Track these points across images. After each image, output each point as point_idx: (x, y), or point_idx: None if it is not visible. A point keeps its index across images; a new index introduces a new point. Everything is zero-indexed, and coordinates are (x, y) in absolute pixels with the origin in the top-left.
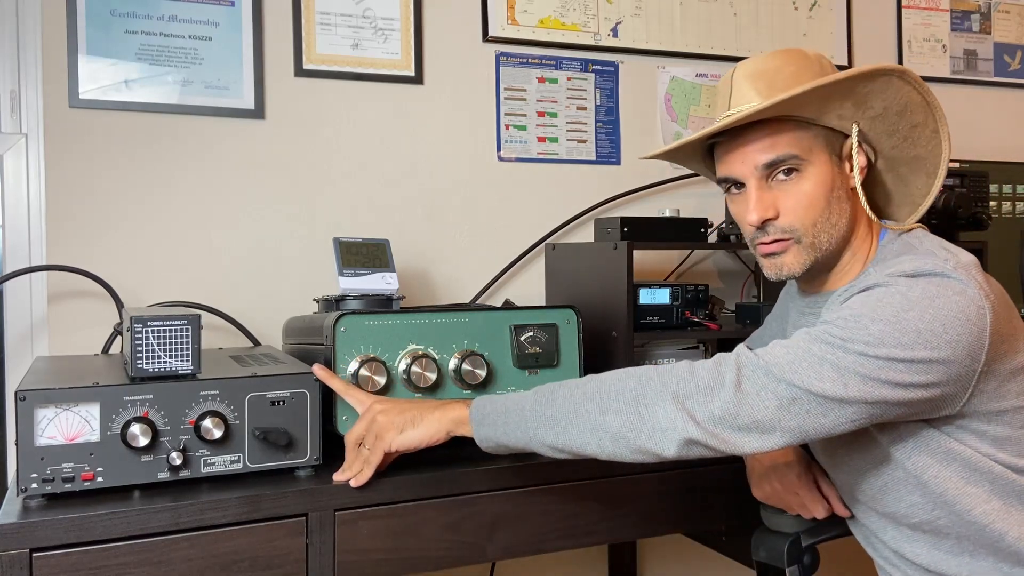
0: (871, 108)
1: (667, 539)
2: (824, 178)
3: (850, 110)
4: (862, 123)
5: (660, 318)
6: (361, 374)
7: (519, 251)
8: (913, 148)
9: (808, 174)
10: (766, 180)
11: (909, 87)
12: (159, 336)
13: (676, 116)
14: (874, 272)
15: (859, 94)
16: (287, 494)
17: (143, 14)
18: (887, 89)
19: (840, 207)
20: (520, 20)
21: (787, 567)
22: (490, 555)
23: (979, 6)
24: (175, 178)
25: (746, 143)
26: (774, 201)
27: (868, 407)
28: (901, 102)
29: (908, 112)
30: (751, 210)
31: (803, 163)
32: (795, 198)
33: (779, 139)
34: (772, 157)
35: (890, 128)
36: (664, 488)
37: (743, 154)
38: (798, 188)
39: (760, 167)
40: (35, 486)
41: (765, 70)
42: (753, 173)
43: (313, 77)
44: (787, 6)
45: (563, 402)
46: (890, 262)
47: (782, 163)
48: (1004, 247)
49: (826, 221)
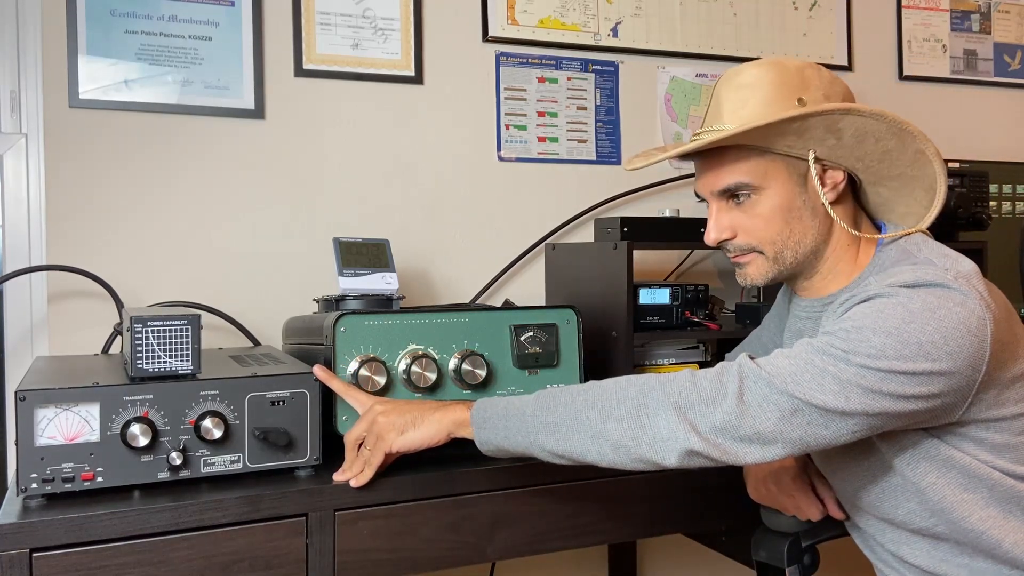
0: (823, 140)
1: (667, 539)
2: (781, 200)
3: (796, 141)
4: (818, 151)
5: (660, 318)
6: (361, 374)
7: (519, 251)
8: (893, 168)
9: (764, 196)
10: (726, 201)
11: (863, 119)
12: (159, 336)
13: (676, 116)
14: (874, 281)
15: (796, 130)
16: (287, 494)
17: (143, 14)
18: (817, 127)
19: (802, 224)
20: (520, 20)
21: (787, 567)
22: (490, 555)
23: (979, 6)
24: (175, 178)
25: (708, 167)
26: (731, 222)
27: (869, 419)
28: (857, 133)
29: (870, 140)
30: (709, 230)
31: (757, 189)
32: (751, 220)
33: (736, 167)
34: (724, 185)
35: (854, 155)
36: (664, 488)
37: (704, 178)
38: (753, 211)
39: (716, 192)
40: (35, 486)
41: (741, 85)
42: (713, 196)
43: (313, 77)
44: (787, 6)
45: (564, 408)
46: (890, 271)
47: (734, 190)
48: (1004, 247)
49: (787, 239)
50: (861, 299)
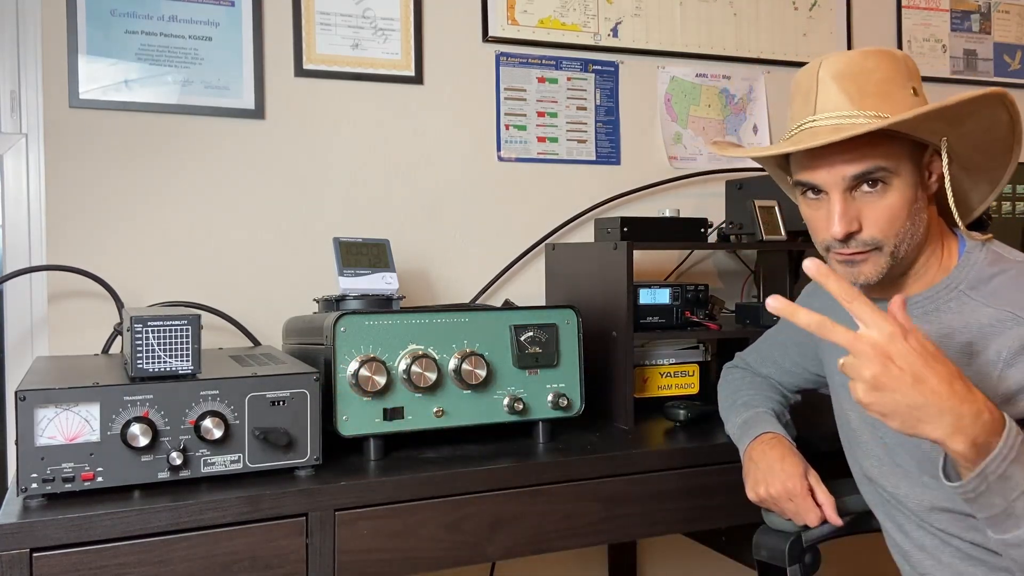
0: (963, 125)
1: (667, 539)
2: (909, 190)
3: (943, 127)
4: (951, 137)
5: (660, 318)
6: (361, 374)
7: (519, 251)
8: (990, 160)
9: (894, 186)
10: (850, 192)
11: (1003, 108)
12: (159, 336)
13: (676, 116)
14: (993, 304)
15: (955, 115)
16: (287, 494)
17: (143, 14)
18: (983, 110)
19: (920, 217)
20: (520, 20)
21: (788, 566)
22: (490, 555)
23: (979, 6)
24: (175, 178)
25: (833, 152)
26: (858, 214)
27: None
28: (991, 120)
29: (994, 128)
30: (835, 223)
31: (891, 175)
32: (880, 211)
33: (870, 151)
34: (862, 169)
35: (975, 142)
36: (664, 488)
37: (830, 163)
38: (883, 202)
39: (848, 179)
40: (35, 486)
41: (854, 72)
42: (838, 184)
43: (313, 77)
44: (787, 6)
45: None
46: (1001, 280)
47: (871, 175)
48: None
49: (907, 232)
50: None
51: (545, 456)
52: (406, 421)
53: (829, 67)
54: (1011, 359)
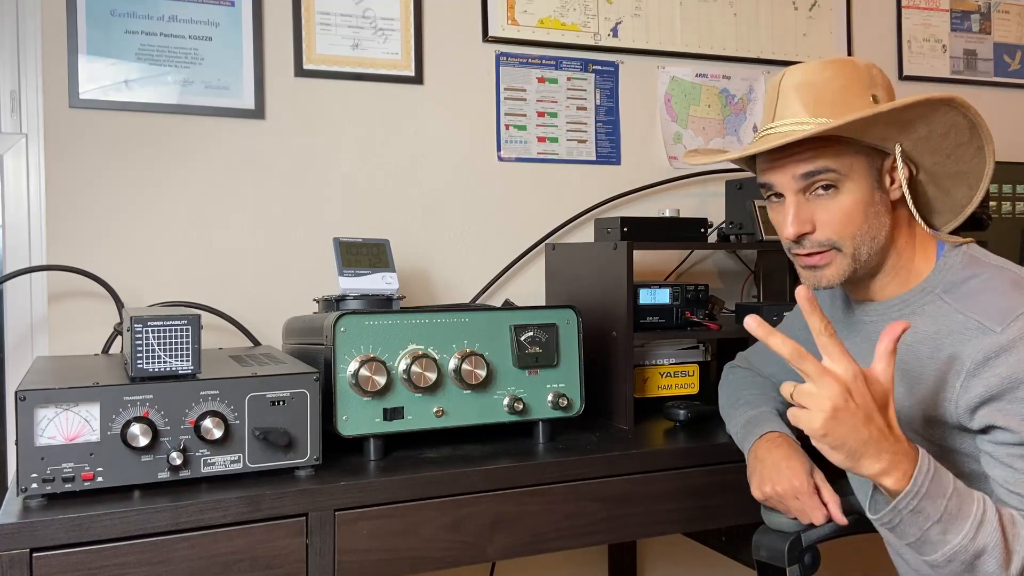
0: (915, 131)
1: (667, 539)
2: (862, 194)
3: (893, 133)
4: (905, 144)
5: (660, 318)
6: (361, 374)
7: (519, 251)
8: (956, 165)
9: (846, 189)
10: (804, 193)
11: (955, 112)
12: (159, 336)
13: (676, 116)
14: (963, 311)
15: (904, 120)
16: (287, 494)
17: (143, 14)
18: (933, 115)
19: (878, 221)
20: (520, 20)
21: (788, 566)
22: (490, 555)
23: (979, 6)
24: (175, 178)
25: (785, 156)
26: (811, 215)
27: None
28: (946, 124)
29: (953, 133)
30: (788, 224)
31: (841, 178)
32: (832, 213)
33: (820, 154)
34: (809, 169)
35: (933, 147)
36: (664, 488)
37: (783, 166)
38: (835, 203)
39: (798, 177)
40: (35, 486)
41: (813, 82)
42: (792, 185)
43: (313, 77)
44: (787, 6)
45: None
46: (971, 285)
47: (820, 175)
48: (1004, 247)
49: (864, 235)
50: (987, 355)
51: (545, 456)
52: (406, 421)
53: (791, 77)
54: (974, 369)
